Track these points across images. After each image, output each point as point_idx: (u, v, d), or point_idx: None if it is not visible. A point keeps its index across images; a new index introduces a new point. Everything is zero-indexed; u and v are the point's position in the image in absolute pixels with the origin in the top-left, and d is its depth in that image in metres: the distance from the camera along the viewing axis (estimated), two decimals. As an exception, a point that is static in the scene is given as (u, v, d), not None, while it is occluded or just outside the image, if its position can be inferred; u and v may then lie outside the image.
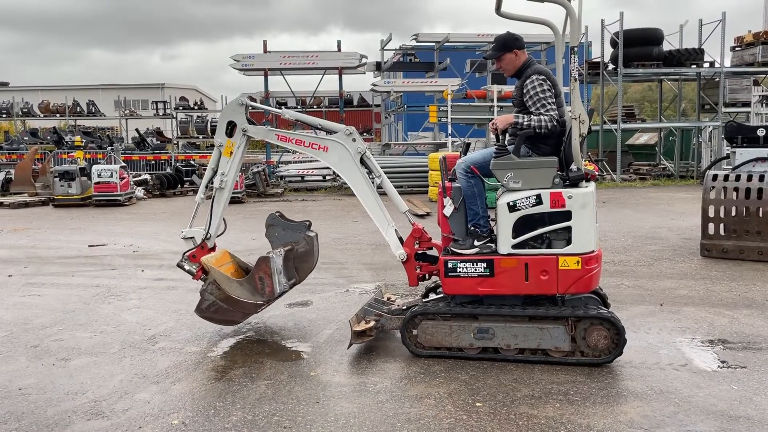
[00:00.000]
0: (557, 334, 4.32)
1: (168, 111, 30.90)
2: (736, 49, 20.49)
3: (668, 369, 4.29)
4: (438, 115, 19.09)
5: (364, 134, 27.44)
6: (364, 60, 21.27)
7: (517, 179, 4.35)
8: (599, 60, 20.79)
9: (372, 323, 4.75)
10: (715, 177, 7.91)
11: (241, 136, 5.07)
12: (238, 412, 3.76)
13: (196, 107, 31.99)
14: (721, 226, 7.96)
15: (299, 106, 26.20)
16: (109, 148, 21.93)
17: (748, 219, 7.70)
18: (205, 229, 5.16)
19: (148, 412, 3.78)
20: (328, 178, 20.20)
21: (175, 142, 28.78)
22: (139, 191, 17.90)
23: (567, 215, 4.27)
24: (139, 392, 4.09)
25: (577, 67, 4.32)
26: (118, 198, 15.96)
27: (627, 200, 14.81)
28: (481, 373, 4.27)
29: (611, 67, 20.44)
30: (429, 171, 16.25)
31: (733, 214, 7.84)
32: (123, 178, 16.18)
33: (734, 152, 8.52)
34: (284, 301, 5.89)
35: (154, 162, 21.86)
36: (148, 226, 12.14)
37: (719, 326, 5.20)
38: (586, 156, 19.98)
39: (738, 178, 7.77)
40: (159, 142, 28.09)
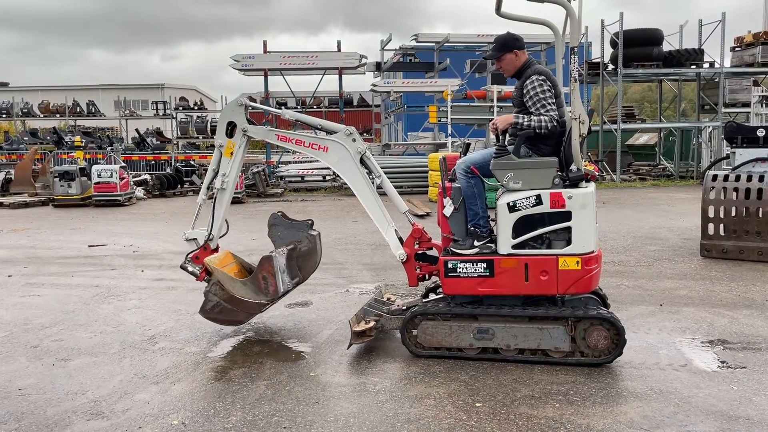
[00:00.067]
0: (557, 335, 4.32)
1: (168, 111, 30.94)
2: (736, 49, 20.50)
3: (668, 369, 4.30)
4: (438, 116, 19.10)
5: (364, 134, 27.47)
6: (364, 60, 21.27)
7: (517, 179, 4.35)
8: (599, 60, 20.81)
9: (372, 323, 4.75)
10: (714, 177, 7.91)
11: (241, 137, 5.07)
12: (237, 413, 3.76)
13: (196, 107, 32.03)
14: (721, 226, 7.96)
15: (299, 107, 26.22)
16: (109, 148, 21.92)
17: (747, 219, 7.71)
18: (207, 230, 5.16)
19: (147, 413, 3.78)
20: (328, 178, 20.21)
21: (175, 142, 28.81)
22: (139, 191, 17.90)
23: (567, 215, 4.27)
24: (139, 392, 4.09)
25: (577, 68, 4.32)
26: (118, 198, 15.97)
27: (627, 200, 14.82)
28: (481, 374, 4.27)
29: (611, 67, 20.45)
30: (429, 171, 16.25)
31: (733, 214, 7.85)
32: (123, 178, 16.19)
33: (734, 152, 8.53)
34: (284, 301, 5.89)
35: (153, 162, 21.87)
36: (148, 227, 12.14)
37: (719, 326, 5.20)
38: (586, 156, 19.98)
39: (738, 178, 7.77)
40: (159, 142, 28.12)
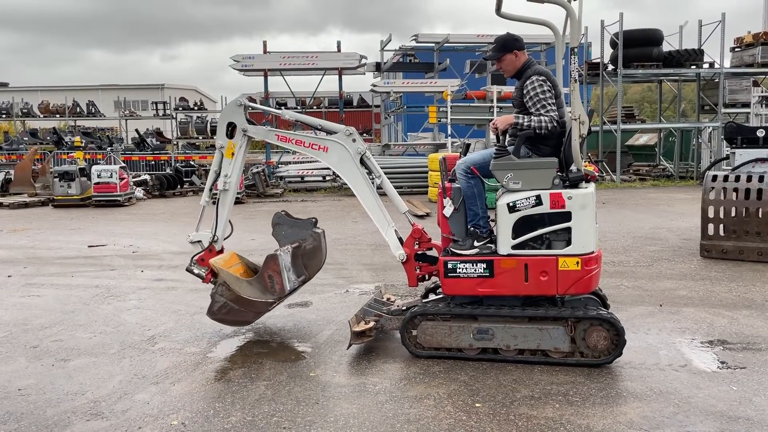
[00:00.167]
0: (557, 335, 4.32)
1: (168, 111, 30.96)
2: (736, 49, 20.51)
3: (668, 370, 4.30)
4: (438, 116, 19.11)
5: (364, 135, 27.49)
6: (363, 60, 21.27)
7: (517, 180, 4.35)
8: (599, 61, 20.82)
9: (371, 324, 4.75)
10: (714, 178, 7.91)
11: (241, 137, 5.07)
12: (237, 413, 3.76)
13: (196, 108, 32.04)
14: (721, 226, 7.96)
15: (299, 107, 26.22)
16: (109, 148, 21.94)
17: (747, 220, 7.71)
18: (211, 232, 5.15)
19: (147, 413, 3.78)
20: (327, 178, 20.21)
21: (175, 142, 28.82)
22: (139, 192, 17.90)
23: (567, 216, 4.27)
24: (139, 393, 4.09)
25: (577, 68, 4.33)
26: (118, 198, 15.96)
27: (627, 201, 14.82)
28: (481, 374, 4.27)
29: (611, 67, 20.46)
30: (429, 171, 16.25)
31: (733, 214, 7.85)
32: (123, 178, 16.18)
33: (734, 153, 8.53)
34: (284, 301, 5.89)
35: (153, 162, 21.88)
36: (148, 227, 12.13)
37: (719, 327, 5.20)
38: (586, 157, 19.98)
39: (738, 178, 7.77)
40: (159, 142, 28.15)
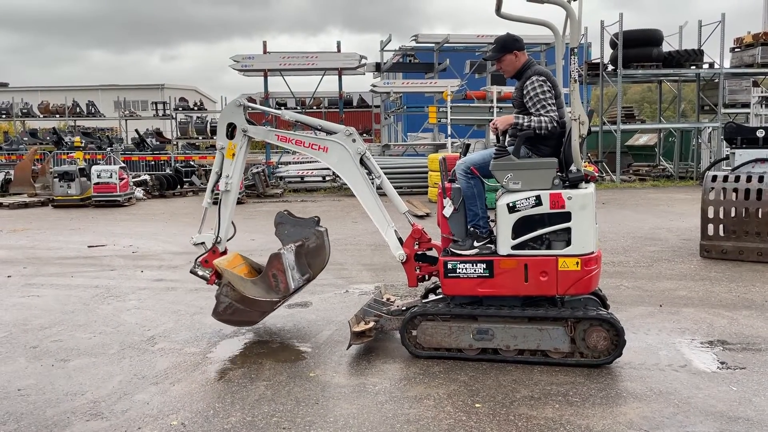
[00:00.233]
0: (557, 335, 4.32)
1: (167, 112, 30.95)
2: (736, 50, 20.51)
3: (667, 370, 4.30)
4: (437, 116, 19.11)
5: (364, 135, 27.48)
6: (363, 61, 21.27)
7: (517, 180, 4.35)
8: (599, 61, 20.82)
9: (371, 324, 4.75)
10: (714, 178, 7.91)
11: (242, 137, 5.07)
12: (237, 413, 3.75)
13: (196, 108, 32.01)
14: (721, 227, 7.96)
15: (299, 107, 26.22)
16: (109, 148, 21.95)
17: (747, 220, 7.71)
18: (214, 233, 5.15)
19: (147, 413, 3.78)
20: (327, 178, 20.20)
21: (175, 142, 28.81)
22: (139, 192, 17.90)
23: (566, 216, 4.27)
24: (138, 393, 4.09)
25: (577, 68, 4.32)
26: (118, 198, 15.96)
27: (626, 201, 14.82)
28: (481, 374, 4.27)
29: (611, 68, 20.46)
30: (428, 172, 16.24)
31: (733, 215, 7.85)
32: (122, 178, 16.18)
33: (734, 153, 8.54)
34: (286, 301, 5.88)
35: (153, 163, 21.88)
36: (148, 227, 12.13)
37: (719, 327, 5.20)
38: (586, 157, 19.99)
39: (737, 179, 7.77)
40: (158, 142, 28.16)
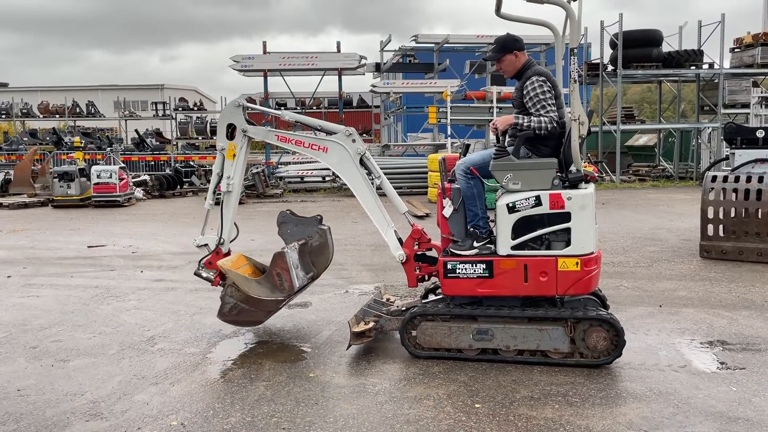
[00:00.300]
0: (556, 336, 4.32)
1: (167, 112, 30.93)
2: (736, 50, 20.51)
3: (667, 370, 4.29)
4: (437, 116, 19.11)
5: (364, 135, 27.47)
6: (363, 61, 21.25)
7: (517, 180, 4.35)
8: (599, 61, 20.81)
9: (371, 324, 4.75)
10: (714, 178, 7.91)
11: (242, 138, 5.08)
12: (236, 414, 3.75)
13: (196, 108, 31.99)
14: (721, 227, 7.96)
15: (299, 107, 26.21)
16: (109, 148, 21.94)
17: (747, 220, 7.71)
18: (217, 234, 5.15)
19: (146, 413, 3.78)
20: (327, 179, 20.20)
21: (175, 143, 28.79)
22: (139, 192, 17.90)
23: (566, 217, 4.27)
24: (138, 393, 4.08)
25: (577, 69, 4.32)
26: (118, 199, 15.96)
27: (626, 201, 14.82)
28: (480, 375, 4.27)
29: (611, 68, 20.45)
30: (428, 172, 16.25)
31: (733, 215, 7.85)
32: (122, 178, 16.18)
33: (733, 153, 8.54)
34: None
35: (153, 163, 21.88)
36: (148, 227, 12.13)
37: (718, 327, 5.20)
38: (586, 157, 19.98)
39: (737, 179, 7.77)
40: (158, 143, 28.14)
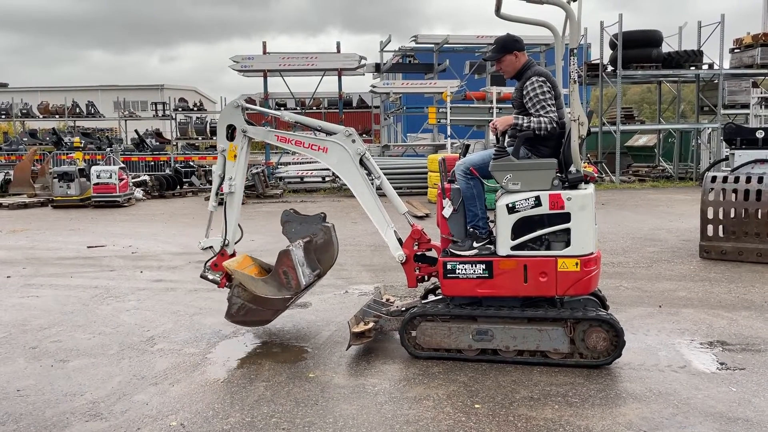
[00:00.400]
0: (556, 336, 4.32)
1: (167, 112, 30.91)
2: (735, 51, 20.52)
3: (667, 371, 4.29)
4: (437, 117, 19.09)
5: (364, 135, 27.46)
6: (363, 61, 21.25)
7: (516, 181, 4.35)
8: (598, 62, 20.81)
9: (371, 324, 4.75)
10: (714, 178, 7.92)
11: (242, 138, 5.08)
12: (236, 414, 3.75)
13: (196, 108, 31.97)
14: (720, 227, 7.96)
15: (299, 108, 26.20)
16: (108, 149, 21.91)
17: (747, 221, 7.71)
18: (222, 236, 5.15)
19: (146, 414, 3.78)
20: (327, 179, 20.20)
21: (174, 143, 28.77)
22: (138, 192, 17.90)
23: (566, 217, 4.27)
24: (138, 394, 4.08)
25: (577, 69, 4.32)
26: (117, 199, 15.96)
27: (626, 202, 14.82)
28: (480, 375, 4.27)
29: (610, 68, 20.45)
30: (428, 172, 16.25)
31: (732, 215, 7.85)
32: (122, 179, 16.18)
33: (733, 154, 8.54)
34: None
35: (153, 163, 21.88)
36: (147, 227, 12.13)
37: (718, 328, 5.20)
38: (585, 158, 19.98)
39: (737, 179, 7.77)
40: (158, 143, 28.12)
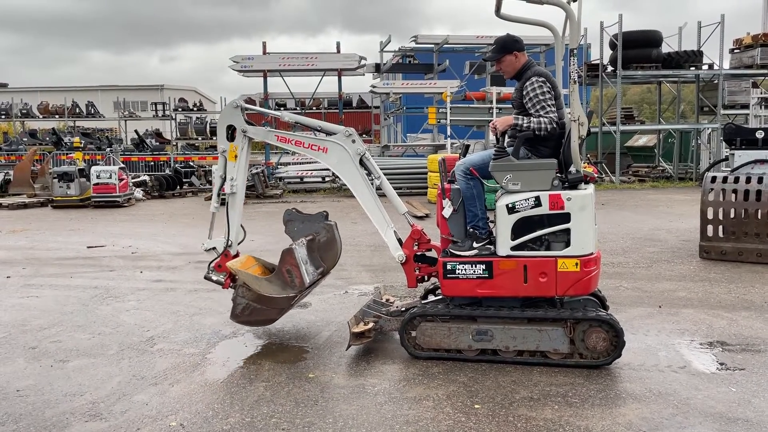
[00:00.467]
0: (556, 336, 4.32)
1: (167, 112, 30.93)
2: (735, 51, 20.52)
3: (667, 371, 4.29)
4: (437, 117, 19.09)
5: (364, 136, 27.46)
6: (363, 61, 21.25)
7: (516, 181, 4.35)
8: (598, 62, 20.81)
9: (371, 325, 4.75)
10: (714, 179, 7.92)
11: (242, 139, 5.08)
12: (236, 414, 3.75)
13: (196, 109, 31.98)
14: (720, 228, 7.96)
15: (298, 108, 26.21)
16: (108, 149, 21.90)
17: (746, 221, 7.71)
18: (225, 237, 5.15)
19: (146, 414, 3.78)
20: (327, 179, 20.20)
21: (174, 143, 28.78)
22: (138, 192, 17.89)
23: (566, 217, 4.27)
24: (138, 394, 4.08)
25: (577, 69, 4.32)
26: (117, 199, 15.95)
27: (626, 202, 14.82)
28: (480, 375, 4.26)
29: (610, 69, 20.45)
30: (428, 172, 16.25)
31: (732, 216, 7.85)
32: (122, 179, 16.18)
33: (733, 154, 8.55)
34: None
35: (153, 163, 21.87)
36: (147, 228, 12.13)
37: (718, 328, 5.20)
38: (585, 158, 19.98)
39: (737, 180, 7.77)
40: (158, 143, 28.13)
